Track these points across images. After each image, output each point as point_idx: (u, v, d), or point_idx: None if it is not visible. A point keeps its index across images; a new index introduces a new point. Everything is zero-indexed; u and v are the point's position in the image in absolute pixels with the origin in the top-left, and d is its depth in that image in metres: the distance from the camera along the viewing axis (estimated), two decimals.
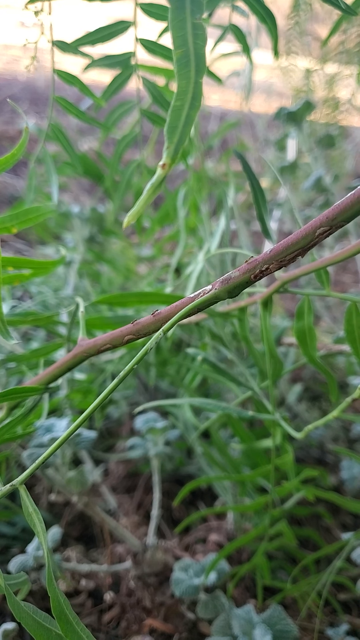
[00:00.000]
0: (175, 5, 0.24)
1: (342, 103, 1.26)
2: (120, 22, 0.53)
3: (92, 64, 0.57)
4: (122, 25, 0.53)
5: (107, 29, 0.53)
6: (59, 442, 0.32)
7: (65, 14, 0.54)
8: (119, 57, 0.58)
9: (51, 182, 0.59)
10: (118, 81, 0.60)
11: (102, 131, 0.80)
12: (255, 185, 0.48)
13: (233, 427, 0.61)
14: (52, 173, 0.59)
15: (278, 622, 0.54)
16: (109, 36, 0.53)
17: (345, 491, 0.78)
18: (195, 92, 0.27)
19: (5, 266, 0.50)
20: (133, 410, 0.88)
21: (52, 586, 0.30)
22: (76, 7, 0.51)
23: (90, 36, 0.53)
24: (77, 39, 0.54)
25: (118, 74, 0.60)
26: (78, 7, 0.52)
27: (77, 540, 0.73)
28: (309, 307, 0.49)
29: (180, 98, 0.27)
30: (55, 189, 0.57)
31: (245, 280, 0.33)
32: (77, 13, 0.53)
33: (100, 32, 0.53)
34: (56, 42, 0.52)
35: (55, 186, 0.58)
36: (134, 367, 0.31)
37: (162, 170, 0.29)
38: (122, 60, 0.57)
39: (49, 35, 0.52)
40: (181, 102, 0.27)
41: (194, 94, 0.27)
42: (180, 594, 0.58)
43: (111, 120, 0.66)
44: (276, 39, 0.53)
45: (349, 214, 0.30)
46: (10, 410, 0.48)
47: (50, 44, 0.52)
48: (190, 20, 0.24)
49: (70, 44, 0.53)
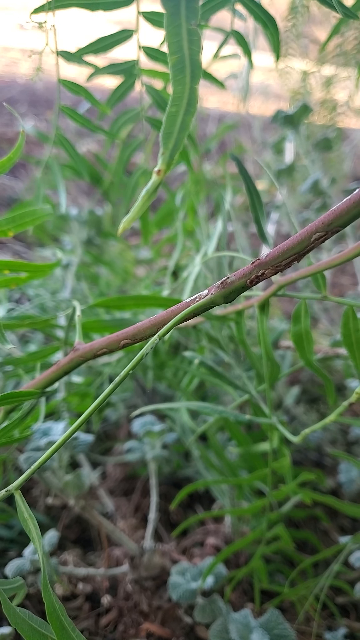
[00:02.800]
0: (170, 11, 0.24)
1: (339, 105, 1.26)
2: (123, 30, 0.53)
3: (97, 72, 0.58)
4: (125, 34, 0.54)
5: (111, 38, 0.53)
6: (56, 446, 0.32)
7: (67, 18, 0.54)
8: (123, 65, 0.58)
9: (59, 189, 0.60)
10: (122, 89, 0.61)
11: (106, 138, 0.81)
12: (251, 188, 0.48)
13: (230, 430, 0.61)
14: (59, 180, 0.60)
15: (276, 626, 0.54)
16: (112, 45, 0.53)
17: (343, 494, 0.78)
18: (190, 97, 0.27)
19: (2, 269, 0.50)
20: (130, 413, 0.88)
21: (47, 592, 0.30)
22: (79, 12, 0.51)
23: (93, 45, 0.54)
24: (80, 49, 0.54)
25: (122, 81, 0.60)
26: (80, 12, 0.52)
27: (75, 543, 0.73)
28: (305, 310, 0.49)
29: (175, 104, 0.27)
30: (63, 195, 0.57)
31: (242, 286, 0.33)
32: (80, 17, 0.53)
33: (103, 41, 0.54)
34: (61, 52, 0.52)
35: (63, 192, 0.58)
36: (131, 370, 0.31)
37: (157, 177, 0.29)
38: (126, 68, 0.58)
39: (53, 45, 0.52)
40: (176, 108, 0.27)
41: (190, 100, 0.27)
42: (177, 598, 0.58)
43: (116, 128, 0.67)
44: (278, 43, 0.53)
45: (344, 219, 0.30)
46: (7, 413, 0.48)
47: (54, 54, 0.52)
48: (186, 26, 0.24)
49: (74, 53, 0.53)
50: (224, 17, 0.62)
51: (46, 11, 0.50)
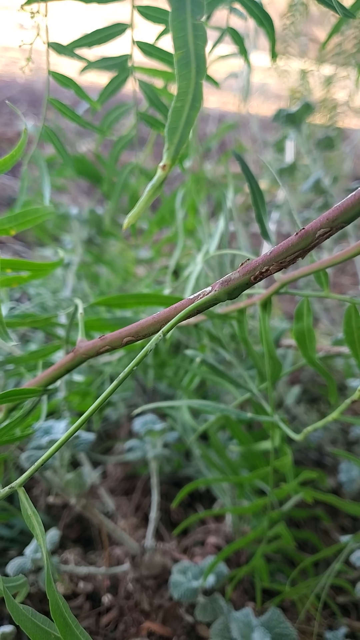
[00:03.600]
0: (176, 6, 0.24)
1: (339, 105, 1.26)
2: (117, 24, 0.53)
3: (89, 66, 0.57)
4: (119, 28, 0.53)
5: (104, 31, 0.53)
6: (58, 445, 0.32)
7: (62, 14, 0.54)
8: (116, 59, 0.57)
9: (43, 184, 0.59)
10: (114, 84, 0.60)
11: (98, 135, 0.80)
12: (254, 187, 0.48)
13: (231, 429, 0.61)
14: (44, 175, 0.59)
15: (277, 625, 0.54)
16: (105, 38, 0.53)
17: (343, 493, 0.78)
18: (195, 93, 0.26)
19: (4, 268, 0.50)
20: (131, 412, 0.88)
21: (51, 589, 0.30)
22: (73, 8, 0.51)
23: (86, 38, 0.53)
24: (73, 41, 0.53)
25: (114, 76, 0.60)
26: (75, 8, 0.52)
27: (75, 542, 0.73)
28: (308, 308, 0.49)
29: (180, 99, 0.27)
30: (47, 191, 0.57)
31: (245, 282, 0.33)
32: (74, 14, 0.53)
33: (97, 34, 0.53)
34: (52, 43, 0.51)
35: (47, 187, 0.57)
36: (134, 368, 0.31)
37: (163, 172, 0.29)
38: (119, 62, 0.57)
39: (45, 37, 0.52)
40: (182, 103, 0.27)
41: (195, 95, 0.27)
42: (178, 597, 0.57)
43: (107, 124, 0.66)
44: (274, 42, 0.53)
45: (349, 215, 0.30)
46: (8, 412, 0.48)
47: (46, 46, 0.52)
48: (191, 21, 0.24)
49: (67, 46, 0.53)
50: (224, 16, 0.62)
51: (39, 2, 0.50)
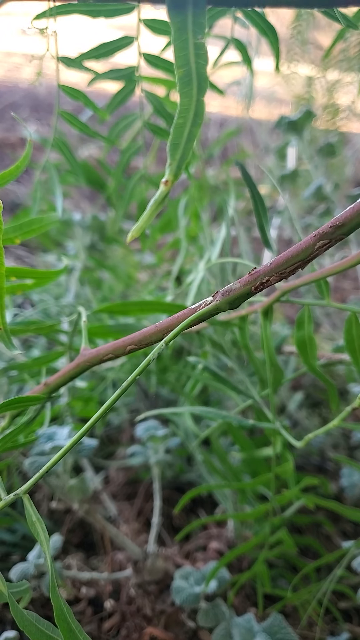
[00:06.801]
0: (177, 26, 0.25)
1: (342, 110, 1.27)
2: (124, 37, 0.54)
3: (97, 78, 0.58)
4: (125, 41, 0.54)
5: (111, 44, 0.54)
6: (63, 452, 0.32)
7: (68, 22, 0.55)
8: (123, 71, 0.59)
9: (55, 193, 0.60)
10: (122, 94, 0.61)
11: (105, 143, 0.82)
12: (255, 195, 0.48)
13: (233, 435, 0.62)
14: (56, 185, 0.60)
15: (279, 631, 0.54)
16: (112, 51, 0.54)
17: (345, 499, 0.78)
18: (197, 109, 0.27)
19: (9, 276, 0.51)
20: (133, 417, 0.88)
21: (55, 594, 0.31)
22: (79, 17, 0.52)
23: (94, 51, 0.54)
24: (81, 54, 0.55)
25: (122, 87, 0.61)
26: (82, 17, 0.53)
27: (78, 547, 0.73)
28: (309, 316, 0.49)
29: (182, 116, 0.28)
30: (60, 201, 0.58)
31: (246, 292, 0.33)
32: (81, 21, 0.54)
33: (104, 47, 0.54)
34: (61, 57, 0.52)
35: (60, 198, 0.58)
36: (135, 378, 0.31)
37: (165, 187, 0.30)
38: (126, 74, 0.58)
39: (54, 51, 0.53)
40: (183, 119, 0.27)
41: (196, 112, 0.27)
42: (180, 602, 0.58)
43: (114, 133, 0.67)
44: (278, 52, 0.54)
45: (348, 227, 0.31)
46: (12, 418, 0.49)
47: (55, 59, 0.53)
48: (193, 40, 0.25)
49: (75, 59, 0.54)
50: (227, 24, 0.62)
51: (48, 17, 0.51)
